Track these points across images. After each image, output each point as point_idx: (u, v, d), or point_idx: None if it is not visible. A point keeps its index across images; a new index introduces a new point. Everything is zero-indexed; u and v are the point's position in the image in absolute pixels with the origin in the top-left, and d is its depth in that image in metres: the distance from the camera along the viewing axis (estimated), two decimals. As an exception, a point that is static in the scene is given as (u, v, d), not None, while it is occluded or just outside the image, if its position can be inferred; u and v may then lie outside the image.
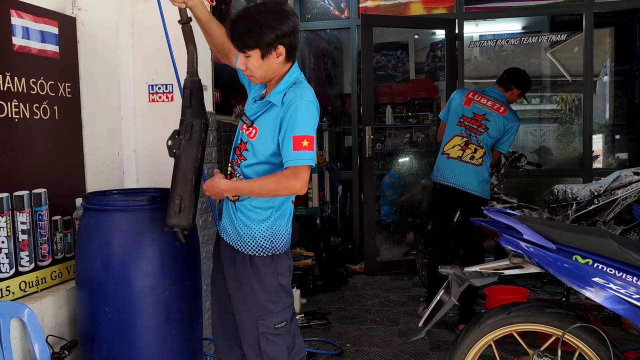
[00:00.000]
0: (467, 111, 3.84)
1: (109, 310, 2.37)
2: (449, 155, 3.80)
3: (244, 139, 2.09)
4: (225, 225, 2.17)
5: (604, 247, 1.84)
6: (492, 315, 2.06)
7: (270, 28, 1.91)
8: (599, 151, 7.05)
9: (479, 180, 3.69)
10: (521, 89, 3.94)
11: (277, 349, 2.09)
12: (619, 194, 3.90)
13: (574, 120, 7.25)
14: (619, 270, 1.80)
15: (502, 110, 3.80)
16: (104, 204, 2.42)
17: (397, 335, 3.65)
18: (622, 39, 7.13)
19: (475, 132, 3.77)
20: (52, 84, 2.64)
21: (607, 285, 1.80)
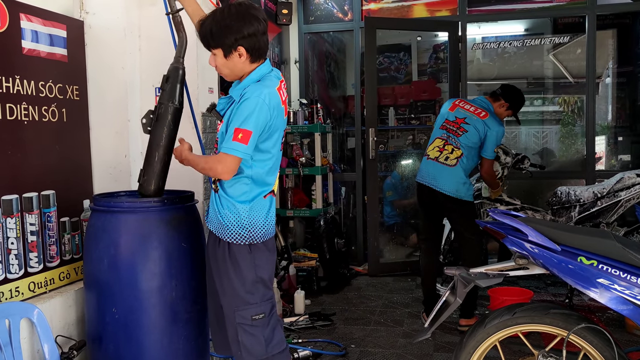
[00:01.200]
0: (451, 115, 3.93)
1: (117, 311, 2.40)
2: (429, 157, 3.90)
3: (219, 134, 2.26)
4: (210, 216, 2.29)
5: (608, 248, 1.86)
6: (497, 316, 2.08)
7: (231, 30, 2.07)
8: (602, 153, 7.07)
9: (453, 181, 3.73)
10: (509, 102, 3.93)
11: (252, 341, 2.18)
12: (622, 195, 3.92)
13: (577, 121, 7.27)
14: (623, 272, 1.82)
15: (483, 115, 3.83)
16: (111, 205, 2.45)
17: (401, 337, 3.66)
18: (625, 41, 7.14)
19: (455, 134, 3.83)
20: (61, 86, 2.67)
21: (612, 286, 1.82)
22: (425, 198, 3.90)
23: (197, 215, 2.65)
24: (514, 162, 4.38)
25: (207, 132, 2.99)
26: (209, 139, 2.99)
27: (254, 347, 2.19)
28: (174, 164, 2.45)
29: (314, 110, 5.20)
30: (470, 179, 3.92)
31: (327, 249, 4.84)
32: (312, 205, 5.15)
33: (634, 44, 7.07)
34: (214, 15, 2.13)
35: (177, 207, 2.51)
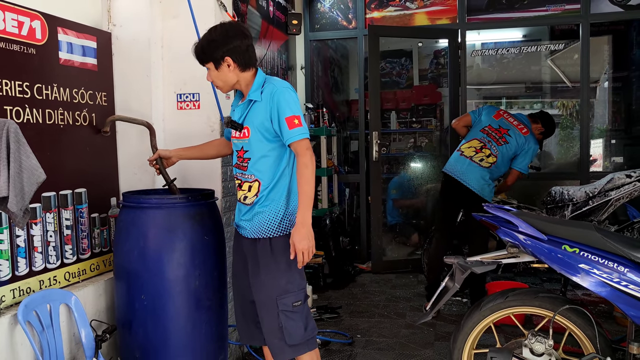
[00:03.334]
0: (494, 123, 4.23)
1: (145, 298, 2.63)
2: (462, 153, 4.18)
3: (239, 144, 2.39)
4: (242, 225, 2.42)
5: (589, 237, 2.09)
6: (491, 300, 2.31)
7: (217, 45, 2.30)
8: (599, 155, 7.31)
9: (481, 180, 4.03)
10: (545, 127, 4.31)
11: (294, 325, 2.35)
12: (612, 195, 4.14)
13: (575, 125, 7.50)
14: (602, 258, 2.04)
15: (525, 131, 4.18)
16: (140, 201, 2.69)
17: (403, 327, 3.89)
18: (620, 47, 7.38)
19: (496, 141, 4.14)
20: (91, 93, 2.91)
21: (592, 271, 2.05)
22: (449, 189, 4.18)
23: (217, 211, 2.88)
24: (512, 164, 4.59)
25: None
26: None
27: (296, 332, 2.35)
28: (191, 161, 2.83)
29: (320, 115, 5.44)
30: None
31: (333, 247, 5.08)
32: (317, 205, 5.39)
33: (629, 50, 7.30)
34: (205, 35, 2.35)
35: (200, 203, 2.74)
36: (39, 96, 2.55)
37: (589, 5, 5.33)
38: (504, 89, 8.07)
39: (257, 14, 4.81)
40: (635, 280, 2.00)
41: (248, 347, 3.39)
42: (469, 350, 2.36)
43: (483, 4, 5.64)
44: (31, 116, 2.50)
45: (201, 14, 3.08)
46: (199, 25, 3.07)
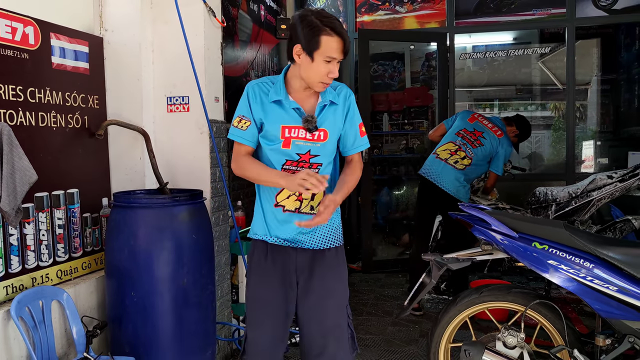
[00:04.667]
0: (469, 126, 4.37)
1: (135, 295, 2.72)
2: (438, 156, 4.31)
3: (305, 147, 2.11)
4: (300, 238, 2.15)
5: (558, 235, 2.19)
6: (467, 295, 2.41)
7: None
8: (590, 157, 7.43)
9: (455, 182, 4.18)
10: (519, 130, 4.47)
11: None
12: (594, 195, 4.23)
13: (560, 122, 7.63)
14: (569, 254, 2.14)
15: (499, 134, 4.33)
16: (130, 201, 2.78)
17: (390, 325, 3.99)
18: (608, 50, 7.50)
19: (471, 144, 4.28)
20: (83, 96, 2.99)
21: (560, 267, 2.14)
22: (426, 191, 4.30)
23: (205, 210, 2.97)
24: (497, 165, 4.69)
25: (214, 137, 3.31)
26: (222, 145, 3.31)
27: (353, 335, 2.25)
28: (181, 162, 2.78)
29: (311, 116, 5.52)
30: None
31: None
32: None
33: (617, 53, 7.42)
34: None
35: (188, 203, 2.83)
36: (32, 99, 2.64)
37: (574, 9, 5.44)
38: (495, 91, 8.19)
39: (248, 17, 4.90)
40: (601, 275, 2.10)
41: (237, 344, 3.48)
42: (446, 344, 2.45)
43: (471, 8, 5.75)
44: (24, 119, 2.59)
45: (190, 20, 3.17)
46: (188, 30, 3.16)
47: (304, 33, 1.98)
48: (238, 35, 4.71)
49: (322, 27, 1.97)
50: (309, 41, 1.98)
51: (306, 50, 2.00)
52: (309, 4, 6.09)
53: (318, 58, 1.99)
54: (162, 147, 3.25)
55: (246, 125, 2.12)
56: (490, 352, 2.23)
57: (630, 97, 7.09)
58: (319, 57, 1.99)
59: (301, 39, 1.99)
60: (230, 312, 3.51)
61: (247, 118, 2.12)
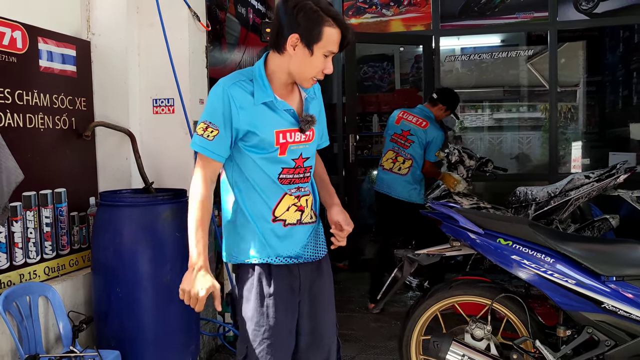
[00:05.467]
0: (397, 129, 4.56)
1: (120, 291, 2.81)
2: (384, 167, 4.56)
3: (298, 150, 1.92)
4: (303, 253, 1.96)
5: (521, 231, 2.29)
6: (437, 290, 2.51)
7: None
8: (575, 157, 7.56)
9: (406, 187, 4.43)
10: (446, 104, 4.59)
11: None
12: (572, 195, 4.35)
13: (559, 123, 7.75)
14: (531, 250, 2.25)
15: (424, 125, 4.50)
16: (116, 200, 2.87)
17: (372, 321, 4.10)
18: (593, 52, 7.63)
19: (403, 146, 4.50)
20: (71, 98, 3.08)
21: (523, 262, 2.25)
22: (382, 205, 4.48)
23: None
24: (478, 165, 4.80)
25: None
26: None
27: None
28: (166, 162, 2.87)
29: (299, 117, 5.62)
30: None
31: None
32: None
33: (602, 55, 7.55)
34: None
35: (172, 202, 2.93)
36: (20, 102, 2.73)
37: (556, 13, 5.55)
38: (483, 93, 8.30)
39: (236, 21, 5.00)
40: (561, 269, 2.20)
41: (222, 339, 3.57)
42: (417, 337, 2.56)
43: (456, 11, 5.85)
44: (12, 120, 2.68)
45: (175, 24, 3.27)
46: (174, 34, 3.27)
47: (303, 22, 1.74)
48: (226, 38, 4.80)
49: (324, 17, 1.75)
50: (309, 32, 1.75)
51: (304, 41, 1.76)
52: (297, 7, 6.19)
53: (318, 51, 1.77)
54: (148, 147, 3.34)
55: (213, 135, 1.79)
56: (457, 343, 2.34)
57: (614, 98, 7.22)
58: (318, 50, 1.77)
59: (299, 28, 1.75)
60: (214, 310, 3.60)
61: (215, 126, 1.79)
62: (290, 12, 1.76)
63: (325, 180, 2.12)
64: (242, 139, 1.83)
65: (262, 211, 1.89)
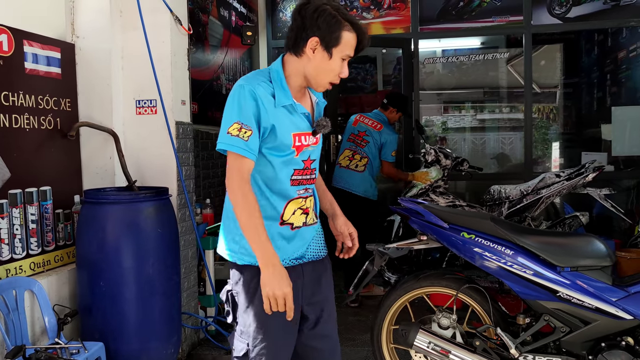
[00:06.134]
0: (354, 130, 4.97)
1: (104, 285, 2.92)
2: (341, 165, 4.91)
3: (307, 152, 1.96)
4: (307, 254, 2.01)
5: (483, 225, 2.44)
6: (406, 281, 2.65)
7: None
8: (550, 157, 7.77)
9: (362, 183, 4.76)
10: (396, 107, 4.98)
11: None
12: (543, 193, 4.51)
13: (540, 127, 7.96)
14: (492, 242, 2.39)
15: (378, 127, 4.90)
16: (100, 197, 2.98)
17: (350, 315, 4.24)
18: (570, 55, 7.83)
19: (359, 145, 4.88)
20: (56, 99, 3.18)
21: (484, 254, 2.39)
22: (340, 199, 4.60)
23: (171, 206, 3.18)
24: (454, 165, 4.95)
25: (180, 137, 3.52)
26: (181, 144, 3.52)
27: None
28: (148, 161, 2.99)
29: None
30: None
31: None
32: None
33: (579, 58, 7.76)
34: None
35: (154, 199, 3.04)
36: (6, 102, 2.82)
37: (531, 17, 5.72)
38: (464, 94, 8.48)
39: (219, 23, 5.11)
40: (520, 261, 2.35)
41: (205, 333, 3.68)
42: (388, 326, 2.69)
43: (434, 15, 6.00)
44: (-1, 121, 2.78)
45: (157, 28, 3.38)
46: (156, 37, 3.38)
47: (323, 26, 1.79)
48: (208, 41, 4.91)
49: (343, 22, 1.81)
50: (329, 35, 1.79)
51: (324, 44, 1.80)
52: (279, 9, 6.31)
53: (336, 55, 1.82)
54: (131, 147, 3.45)
55: (247, 135, 1.78)
56: (424, 331, 2.47)
57: (589, 100, 7.41)
58: (337, 54, 1.82)
59: (319, 31, 1.79)
60: (197, 304, 3.72)
61: (248, 126, 1.79)
62: (311, 16, 1.79)
63: (324, 187, 2.20)
64: (264, 139, 1.85)
65: (271, 214, 1.91)
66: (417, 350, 2.50)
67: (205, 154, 4.78)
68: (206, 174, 4.81)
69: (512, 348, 2.39)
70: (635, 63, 5.84)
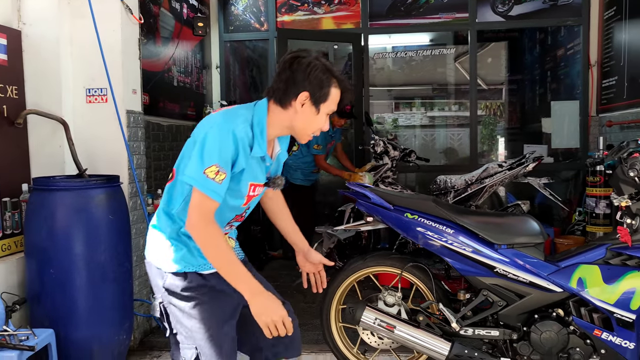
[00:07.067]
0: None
1: (53, 272, 2.91)
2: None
3: (252, 203, 2.00)
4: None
5: (426, 206, 2.56)
6: (353, 262, 2.75)
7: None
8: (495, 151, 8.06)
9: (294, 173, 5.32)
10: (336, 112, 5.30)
11: None
12: (486, 182, 4.71)
13: (488, 123, 8.23)
14: (434, 222, 2.52)
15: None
16: (49, 184, 2.97)
17: (302, 302, 4.33)
18: (515, 53, 8.13)
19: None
20: (2, 86, 3.14)
21: (427, 233, 2.51)
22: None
23: (122, 194, 3.19)
24: (402, 156, 5.11)
25: (131, 126, 3.53)
26: (132, 132, 3.53)
27: None
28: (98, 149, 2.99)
29: (233, 111, 5.79)
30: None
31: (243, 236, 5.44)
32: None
33: (522, 55, 8.06)
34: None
35: (105, 186, 3.05)
36: (-50, 88, 2.78)
37: (475, 14, 5.93)
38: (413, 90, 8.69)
39: (170, 15, 5.11)
40: (460, 239, 2.48)
41: (157, 321, 3.70)
42: (336, 306, 2.79)
43: (384, 11, 6.14)
44: (-57, 106, 2.73)
45: (107, 16, 3.38)
46: (106, 26, 3.37)
47: (315, 81, 1.80)
48: (159, 32, 4.91)
49: (332, 78, 1.84)
50: (319, 91, 1.82)
51: (313, 100, 1.82)
52: (231, 2, 6.34)
53: (323, 110, 1.85)
54: (82, 136, 3.43)
55: (221, 179, 1.77)
56: (371, 309, 2.58)
57: (532, 96, 7.71)
58: (324, 109, 1.85)
59: (310, 86, 1.80)
60: (149, 292, 3.73)
61: (224, 170, 1.77)
62: (304, 70, 1.79)
63: (290, 218, 2.25)
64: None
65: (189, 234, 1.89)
66: (364, 327, 2.60)
67: (156, 145, 4.77)
68: (157, 165, 4.80)
69: (453, 322, 2.52)
70: (572, 60, 6.13)
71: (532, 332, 2.46)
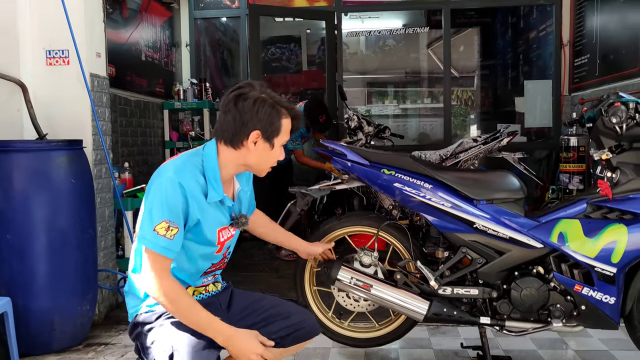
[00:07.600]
0: None
1: (11, 237, 2.75)
2: None
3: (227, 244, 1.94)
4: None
5: (403, 162, 2.48)
6: (328, 222, 2.65)
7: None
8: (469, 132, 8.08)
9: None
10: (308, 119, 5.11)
11: None
12: (461, 157, 4.66)
13: (462, 110, 8.23)
14: (412, 178, 2.43)
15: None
16: (5, 145, 2.80)
17: (275, 278, 4.23)
18: (487, 38, 8.14)
19: None
20: (-45, 44, 2.96)
21: (404, 189, 2.42)
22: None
23: (85, 158, 3.04)
24: (376, 132, 5.03)
25: (95, 91, 3.37)
26: (96, 97, 3.36)
27: None
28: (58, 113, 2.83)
29: (202, 89, 5.63)
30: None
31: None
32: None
33: (494, 41, 8.08)
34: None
35: (67, 149, 2.90)
36: None
37: (450, -8, 5.89)
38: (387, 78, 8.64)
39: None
40: (438, 194, 2.40)
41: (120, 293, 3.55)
42: (310, 269, 2.69)
43: (357, -11, 6.07)
44: None
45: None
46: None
47: (264, 118, 1.76)
48: (126, 4, 4.74)
49: (281, 110, 1.79)
50: (270, 127, 1.78)
51: (266, 137, 1.78)
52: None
53: (277, 143, 1.82)
54: (42, 100, 3.26)
55: (173, 234, 1.70)
56: (347, 268, 2.48)
57: (505, 80, 7.72)
58: (278, 142, 1.82)
59: (260, 124, 1.76)
60: (115, 265, 3.57)
61: (175, 224, 1.71)
62: (250, 109, 1.75)
63: (280, 228, 2.32)
64: (186, 232, 1.78)
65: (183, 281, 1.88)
66: (339, 287, 2.51)
67: (124, 120, 4.61)
68: (125, 141, 4.64)
69: (431, 280, 2.44)
70: (544, 41, 6.13)
71: (512, 289, 2.39)
